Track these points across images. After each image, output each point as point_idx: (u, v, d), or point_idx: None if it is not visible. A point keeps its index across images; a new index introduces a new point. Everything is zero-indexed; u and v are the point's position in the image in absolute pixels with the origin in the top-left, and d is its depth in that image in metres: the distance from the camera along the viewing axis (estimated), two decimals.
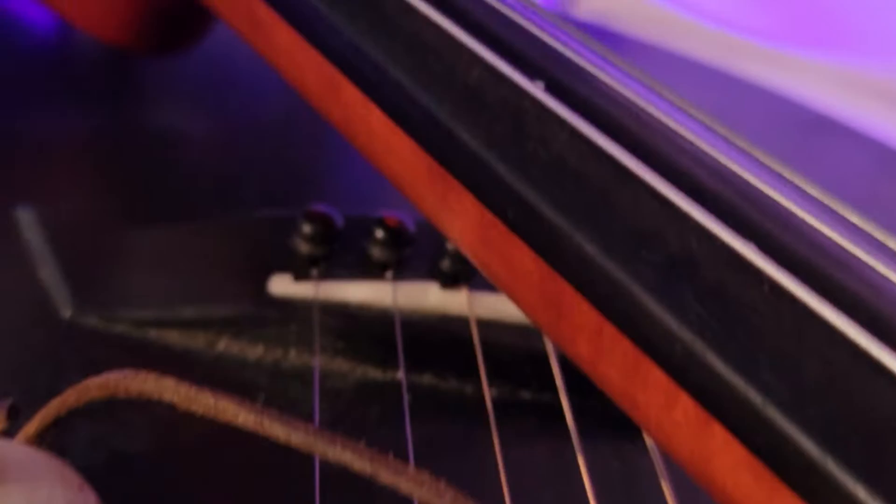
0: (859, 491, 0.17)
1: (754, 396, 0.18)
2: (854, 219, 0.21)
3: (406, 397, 0.30)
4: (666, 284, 0.20)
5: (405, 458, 0.26)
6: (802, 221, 0.20)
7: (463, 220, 0.24)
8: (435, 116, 0.24)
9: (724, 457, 0.19)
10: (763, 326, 0.19)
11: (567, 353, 0.23)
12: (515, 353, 0.32)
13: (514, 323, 0.32)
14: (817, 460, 0.17)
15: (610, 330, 0.21)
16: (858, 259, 0.20)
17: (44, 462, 0.21)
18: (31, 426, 0.22)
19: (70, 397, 0.22)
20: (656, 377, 0.20)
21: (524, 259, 0.22)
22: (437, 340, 0.32)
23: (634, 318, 0.20)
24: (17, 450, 0.21)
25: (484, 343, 0.31)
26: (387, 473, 0.18)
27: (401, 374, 0.30)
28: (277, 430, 0.19)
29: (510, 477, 0.26)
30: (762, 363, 0.18)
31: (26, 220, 0.33)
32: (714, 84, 0.55)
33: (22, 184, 0.36)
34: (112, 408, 0.26)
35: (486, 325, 0.32)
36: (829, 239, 0.20)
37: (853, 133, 0.52)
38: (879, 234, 0.21)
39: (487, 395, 0.29)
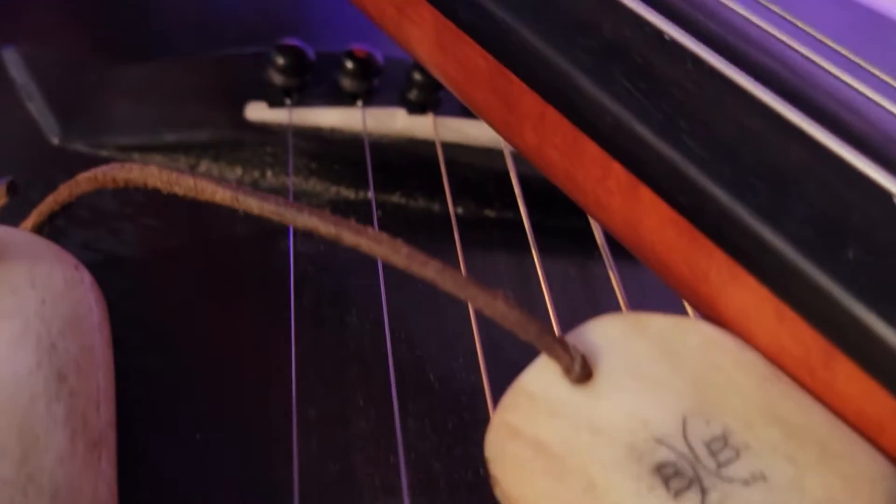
0: (766, 232, 0.19)
1: (675, 157, 0.20)
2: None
3: (376, 214, 0.32)
4: (599, 66, 0.22)
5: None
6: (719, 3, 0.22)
7: (420, 29, 0.26)
8: None
9: (650, 217, 0.21)
10: (683, 98, 0.21)
11: (517, 146, 0.25)
12: (479, 173, 0.34)
13: (478, 145, 0.34)
14: (728, 208, 0.20)
15: (551, 113, 0.23)
16: (770, 34, 0.22)
17: (43, 245, 0.23)
18: (29, 221, 0.25)
19: (63, 192, 0.24)
20: (591, 151, 0.22)
21: (475, 57, 0.24)
22: (406, 162, 0.34)
23: (571, 98, 0.22)
24: (19, 234, 0.23)
25: (449, 164, 0.33)
26: (349, 234, 0.21)
27: (371, 194, 0.32)
28: (252, 203, 0.21)
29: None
30: (682, 129, 0.20)
31: (12, 59, 0.35)
32: None
33: (4, 27, 0.37)
34: (103, 216, 0.29)
35: (452, 148, 0.34)
36: (743, 17, 0.22)
37: None
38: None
39: (452, 211, 0.31)
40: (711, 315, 0.21)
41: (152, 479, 0.22)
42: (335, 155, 0.33)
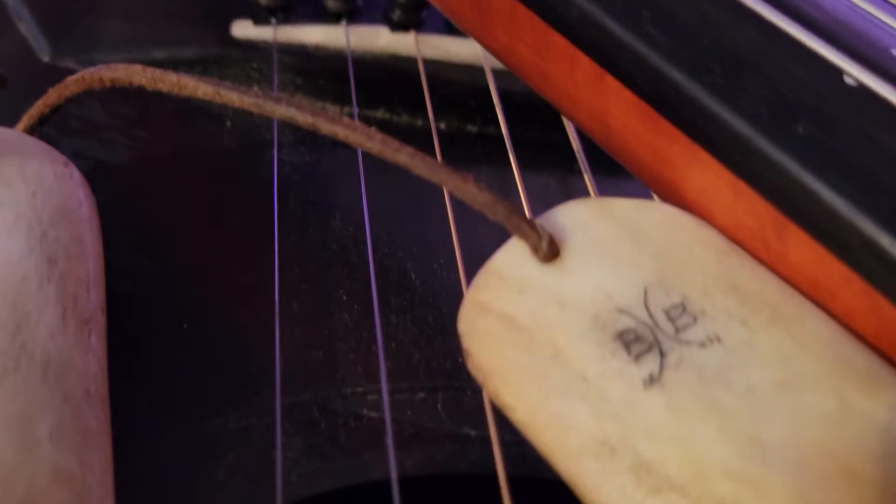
0: (722, 111, 0.20)
1: (638, 45, 0.21)
2: None
3: None
4: None
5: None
6: None
7: None
8: None
9: (616, 106, 0.22)
10: None
11: (490, 47, 0.26)
12: (461, 90, 0.35)
13: (460, 62, 0.35)
14: (687, 90, 0.20)
15: (521, 10, 0.23)
16: None
17: (34, 143, 0.24)
18: (20, 124, 0.25)
19: (52, 95, 0.25)
20: (559, 44, 0.23)
21: None
22: (389, 79, 0.34)
23: None
24: (10, 133, 0.24)
25: (431, 80, 0.33)
26: (325, 123, 0.21)
27: (354, 109, 0.33)
28: (233, 96, 0.22)
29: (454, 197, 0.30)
30: (645, 18, 0.21)
31: None
32: None
33: None
34: (93, 127, 0.30)
35: (434, 64, 0.34)
36: None
37: None
38: None
39: (434, 126, 0.32)
40: (675, 199, 0.22)
41: (141, 366, 0.23)
42: (320, 71, 0.34)
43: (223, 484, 0.21)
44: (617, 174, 0.27)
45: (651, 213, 0.21)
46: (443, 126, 0.34)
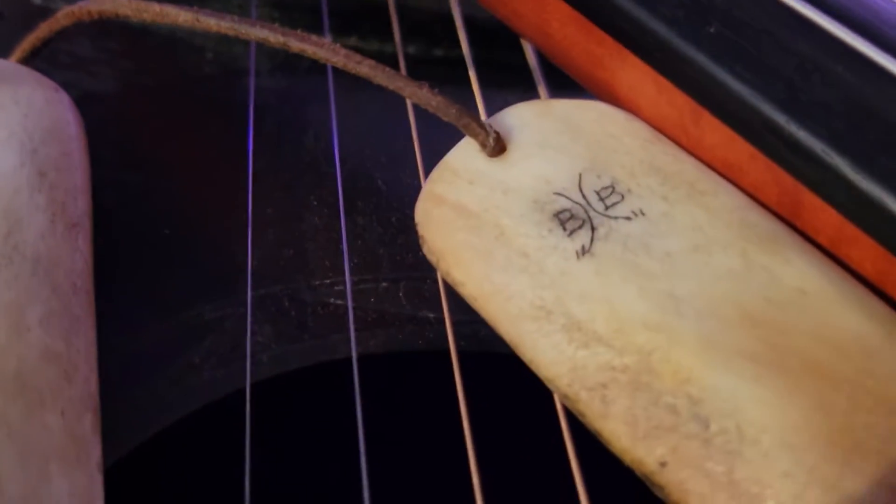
0: (643, 16, 0.22)
1: None
2: None
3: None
4: None
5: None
6: None
7: None
8: None
9: (555, 18, 0.25)
10: None
11: None
12: (428, 16, 0.37)
13: None
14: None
15: None
16: None
17: (26, 71, 0.26)
18: (14, 56, 0.28)
19: (43, 29, 0.27)
20: None
21: None
22: (360, 8, 0.37)
23: None
24: (3, 63, 0.26)
25: (400, 8, 0.36)
26: (295, 42, 0.24)
27: (326, 37, 0.35)
28: (210, 22, 0.25)
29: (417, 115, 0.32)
30: None
31: None
32: None
33: None
34: (82, 61, 0.32)
35: None
36: None
37: None
38: None
39: (400, 51, 0.34)
40: (609, 97, 0.24)
41: (126, 265, 0.26)
42: (295, 4, 0.36)
43: (200, 366, 0.24)
44: (570, 90, 0.29)
45: (587, 111, 0.24)
46: (411, 51, 0.36)
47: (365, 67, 0.24)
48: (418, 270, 0.27)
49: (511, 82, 0.36)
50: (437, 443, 0.23)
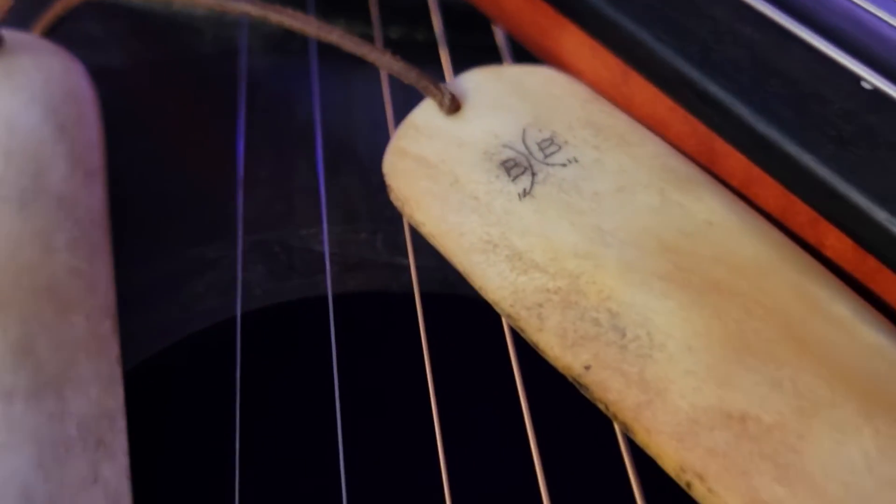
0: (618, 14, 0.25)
1: None
2: None
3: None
4: None
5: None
6: None
7: None
8: None
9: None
10: None
11: None
12: (410, 2, 0.40)
13: None
14: None
15: None
16: None
17: (46, 44, 0.29)
18: (35, 29, 0.31)
19: (58, 6, 0.31)
20: None
21: None
22: None
23: None
24: (27, 36, 0.30)
25: None
26: (274, 14, 0.27)
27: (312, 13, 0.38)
28: None
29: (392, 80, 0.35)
30: None
31: None
32: None
33: None
34: (92, 40, 0.35)
35: None
36: None
37: None
38: None
39: (378, 31, 0.37)
40: (556, 64, 0.28)
41: (137, 211, 0.29)
42: None
43: (202, 295, 0.27)
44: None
45: (533, 75, 0.27)
46: (393, 35, 0.39)
47: (334, 36, 0.27)
48: (394, 224, 0.30)
49: (483, 61, 0.40)
50: (406, 369, 0.26)
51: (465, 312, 0.28)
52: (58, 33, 0.31)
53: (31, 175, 0.25)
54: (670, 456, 0.20)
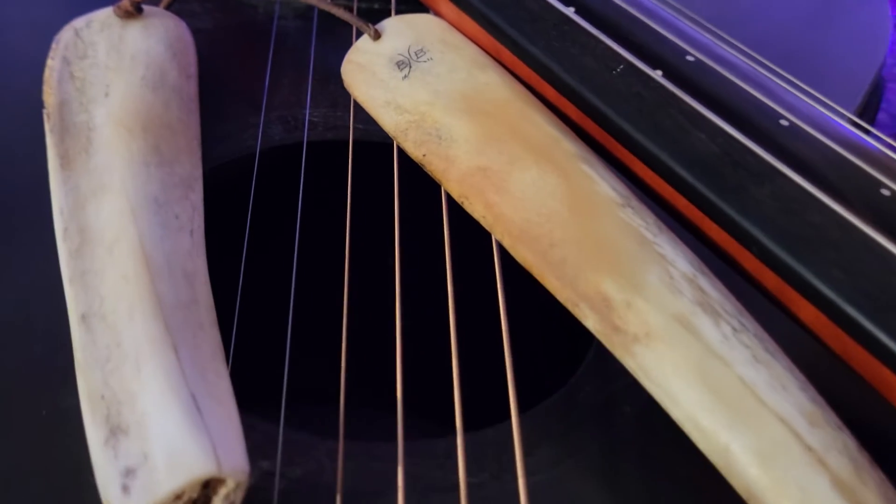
0: None
1: None
2: None
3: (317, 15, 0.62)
4: None
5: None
6: None
7: None
8: None
9: None
10: None
11: None
12: None
13: None
14: None
15: None
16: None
17: (166, 13, 0.53)
18: (161, 6, 0.55)
19: None
20: None
21: None
22: None
23: None
24: (154, 9, 0.54)
25: None
26: None
27: None
28: None
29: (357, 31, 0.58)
30: None
31: None
32: None
33: None
34: (192, 13, 0.60)
35: None
36: None
37: None
38: None
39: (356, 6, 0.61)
40: (436, 13, 0.51)
41: (209, 96, 0.53)
42: None
43: (245, 138, 0.52)
44: None
45: (424, 20, 0.50)
46: (363, 5, 0.62)
47: (314, 1, 0.50)
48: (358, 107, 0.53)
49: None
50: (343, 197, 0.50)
51: (385, 155, 0.51)
52: (173, 8, 0.55)
53: (160, 75, 0.49)
54: (454, 190, 0.43)
